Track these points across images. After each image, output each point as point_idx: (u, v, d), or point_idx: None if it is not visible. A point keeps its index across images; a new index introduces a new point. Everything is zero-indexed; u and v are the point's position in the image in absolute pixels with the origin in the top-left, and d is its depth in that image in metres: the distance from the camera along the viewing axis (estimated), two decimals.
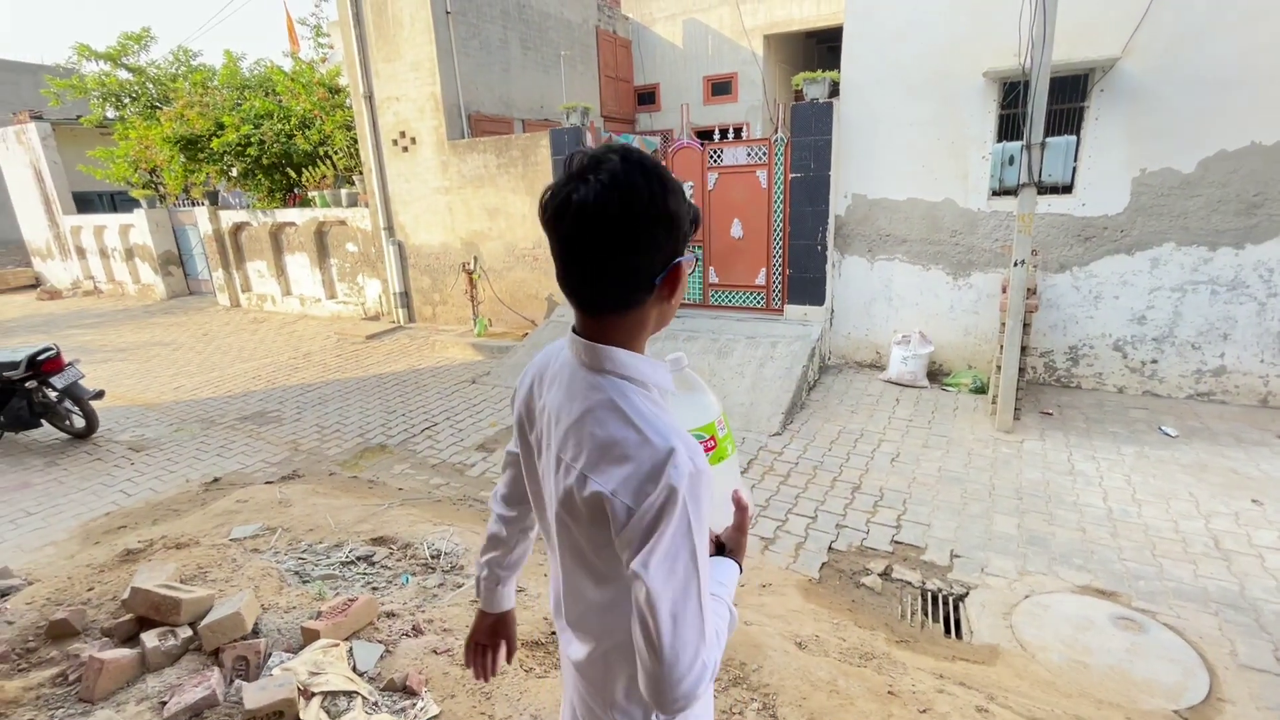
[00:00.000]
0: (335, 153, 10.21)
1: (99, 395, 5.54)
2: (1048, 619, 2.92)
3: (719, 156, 6.60)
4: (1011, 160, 4.53)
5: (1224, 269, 5.06)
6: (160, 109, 12.17)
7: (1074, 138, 4.54)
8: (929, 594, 3.17)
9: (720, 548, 1.04)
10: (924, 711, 2.24)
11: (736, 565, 1.02)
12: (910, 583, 3.25)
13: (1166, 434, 4.71)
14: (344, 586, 2.88)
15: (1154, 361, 5.42)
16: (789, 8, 11.47)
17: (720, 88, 12.36)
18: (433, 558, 3.19)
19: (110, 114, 13.33)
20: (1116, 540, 3.49)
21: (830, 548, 3.57)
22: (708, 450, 1.00)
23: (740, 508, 1.03)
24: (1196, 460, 4.31)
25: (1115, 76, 5.07)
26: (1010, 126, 5.49)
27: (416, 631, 2.36)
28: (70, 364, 5.33)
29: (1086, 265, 5.50)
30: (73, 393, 5.33)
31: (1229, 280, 5.06)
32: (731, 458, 1.09)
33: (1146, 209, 5.21)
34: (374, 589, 2.86)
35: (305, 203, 10.53)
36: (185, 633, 2.10)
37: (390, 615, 2.47)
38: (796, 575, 3.36)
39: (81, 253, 14.60)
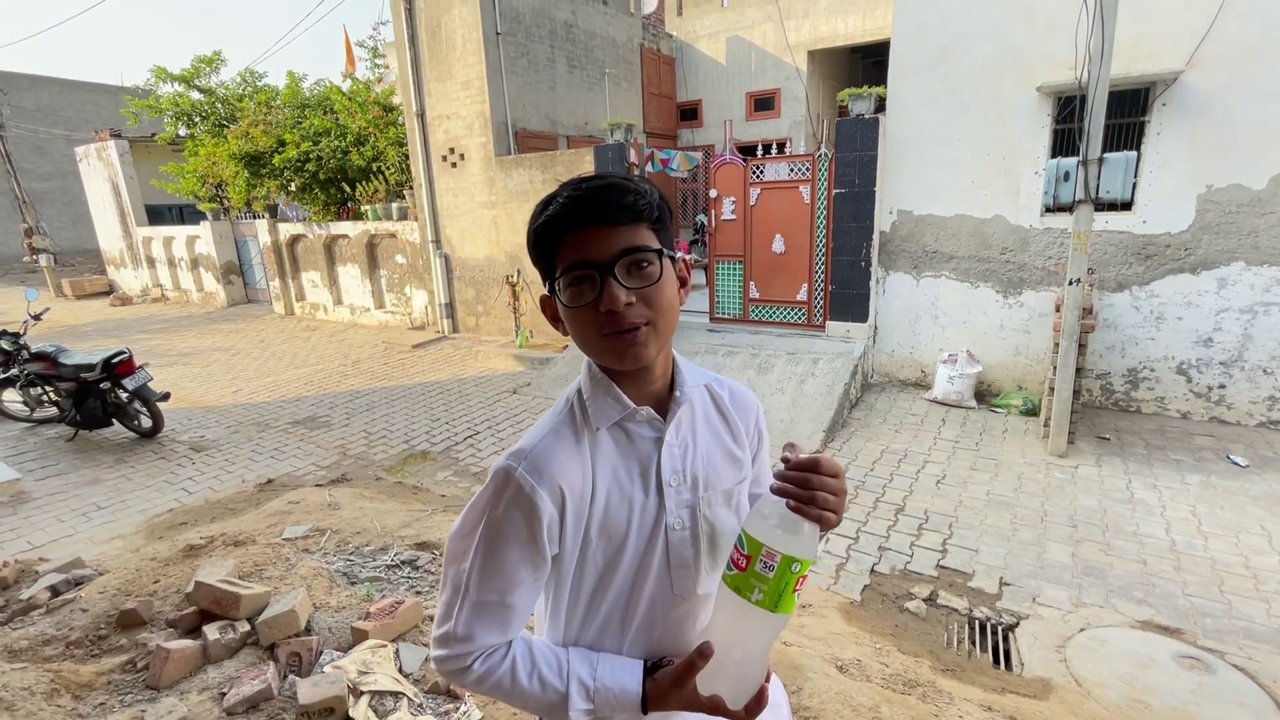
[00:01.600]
0: (387, 168, 10.60)
1: (165, 397, 5.84)
2: (1105, 654, 2.79)
3: (761, 172, 6.61)
4: (1066, 176, 4.41)
5: None
6: (227, 127, 12.86)
7: (1134, 153, 4.40)
8: (976, 622, 3.07)
9: (657, 666, 0.86)
10: None
11: (639, 678, 0.83)
12: (957, 610, 3.16)
13: (1235, 463, 4.46)
14: (389, 589, 2.95)
15: (1221, 386, 5.15)
16: (833, 23, 11.44)
17: (763, 103, 12.38)
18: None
19: (182, 132, 14.16)
20: (1180, 574, 3.31)
21: (872, 570, 3.49)
22: (738, 566, 0.76)
23: (700, 656, 0.79)
24: (1269, 492, 4.07)
25: (1178, 90, 4.89)
26: (1065, 142, 5.34)
27: None
28: (141, 367, 5.65)
29: (1147, 284, 5.28)
30: (142, 394, 5.64)
31: None
32: (755, 609, 0.76)
33: (1213, 227, 4.98)
34: (417, 593, 2.93)
35: (358, 216, 10.94)
36: (243, 627, 2.19)
37: (434, 620, 2.52)
38: (837, 597, 3.30)
39: (151, 262, 15.47)
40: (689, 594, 0.88)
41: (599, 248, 0.76)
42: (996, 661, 2.85)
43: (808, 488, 0.75)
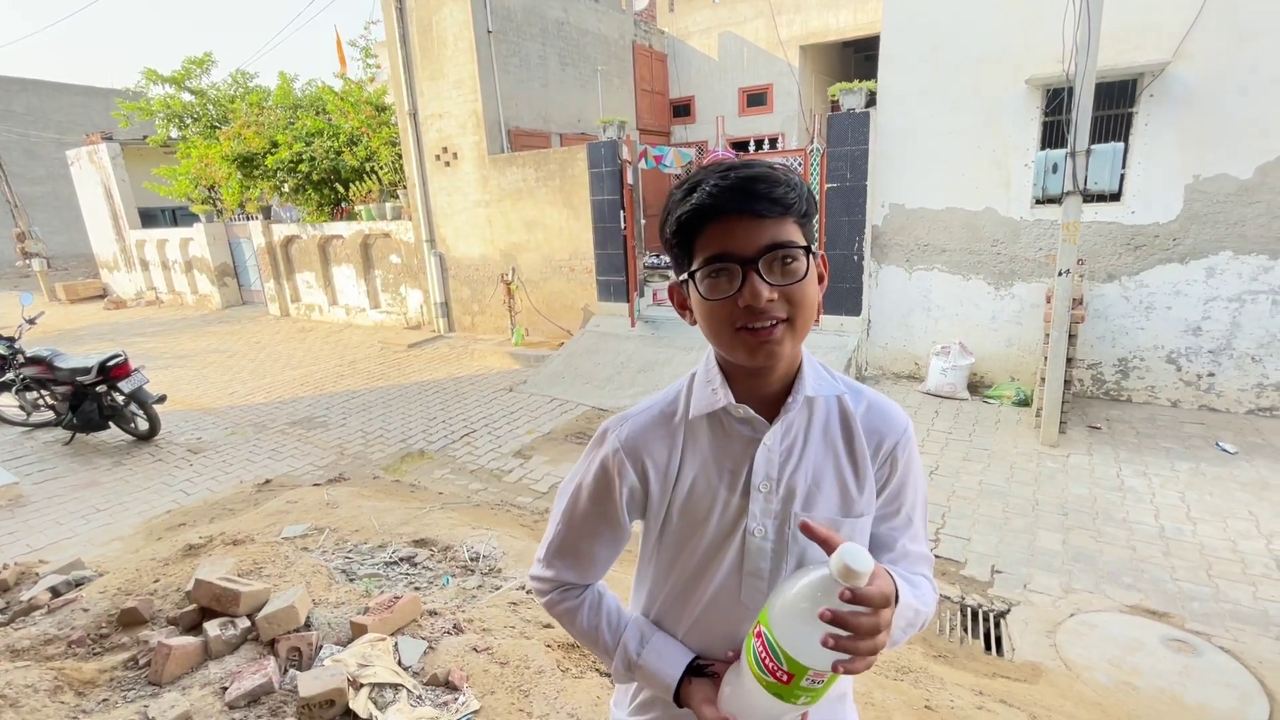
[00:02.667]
0: (381, 168, 10.59)
1: (162, 399, 5.85)
2: (1094, 638, 2.84)
3: None
4: (1055, 168, 4.44)
5: None
6: (219, 129, 12.82)
7: (1121, 144, 4.43)
8: (969, 609, 3.11)
9: (699, 671, 0.86)
10: None
11: (678, 673, 0.85)
12: (949, 597, 3.20)
13: (1224, 450, 4.52)
14: (388, 585, 2.98)
15: (1210, 374, 5.21)
16: (825, 18, 11.46)
17: (755, 99, 12.40)
18: (471, 560, 3.28)
19: (174, 134, 14.09)
20: (1169, 559, 3.36)
21: None
22: (776, 678, 0.69)
23: None
24: (1257, 478, 4.12)
25: (1165, 81, 4.93)
26: (1054, 134, 5.38)
27: (457, 630, 2.44)
28: (136, 369, 5.65)
29: (1136, 275, 5.33)
30: (138, 397, 5.64)
31: None
32: (796, 707, 0.72)
33: (1200, 216, 5.03)
34: (416, 589, 2.96)
35: (352, 216, 10.94)
36: (244, 623, 2.22)
37: (432, 614, 2.55)
38: None
39: (145, 265, 15.43)
40: (756, 606, 0.81)
41: (744, 240, 0.72)
42: (988, 647, 2.89)
43: (872, 634, 0.65)
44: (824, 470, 0.83)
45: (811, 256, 0.76)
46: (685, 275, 0.78)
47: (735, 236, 0.73)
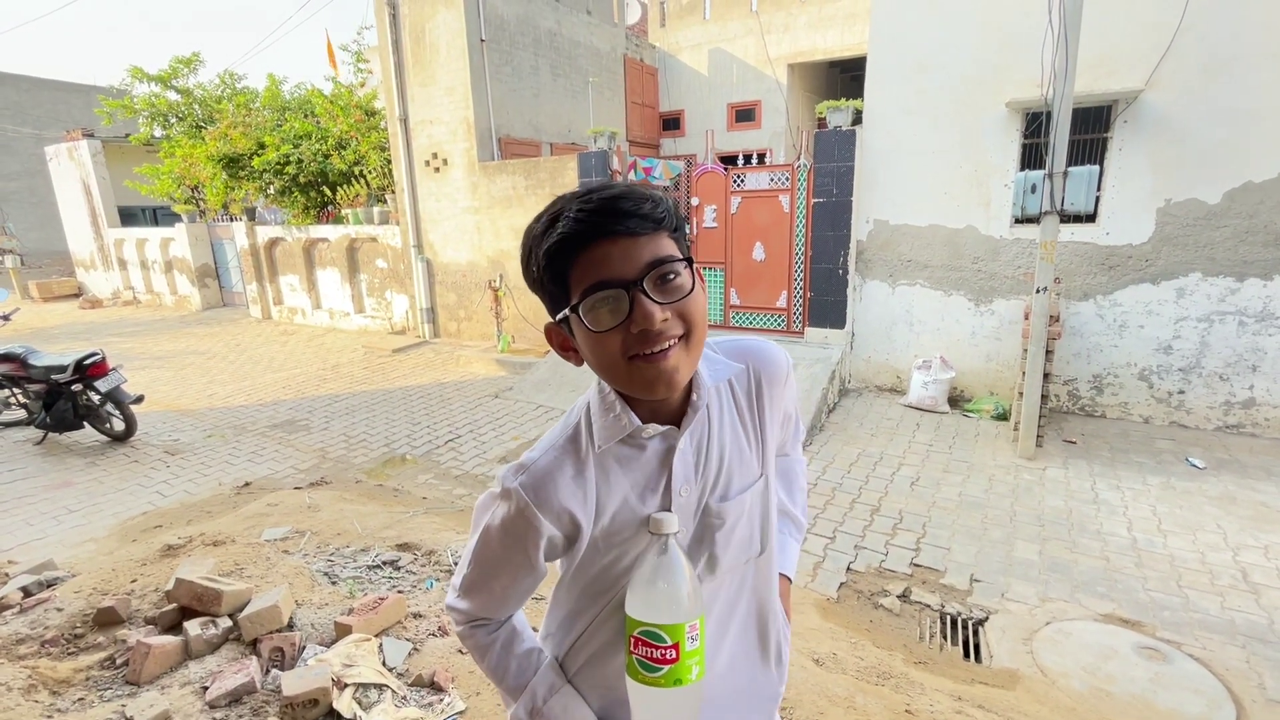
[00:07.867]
0: (369, 172, 10.55)
1: (139, 400, 5.74)
2: (1069, 646, 2.90)
3: (742, 181, 6.73)
4: (1034, 189, 4.57)
5: (1252, 300, 5.02)
6: (205, 129, 12.70)
7: (1096, 167, 4.58)
8: (948, 617, 3.16)
9: None
10: None
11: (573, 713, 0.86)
12: (929, 605, 3.25)
13: (1194, 465, 4.64)
14: (371, 589, 2.96)
15: (1181, 392, 5.36)
16: (813, 38, 11.70)
17: (744, 115, 12.59)
18: (456, 564, 3.26)
19: (157, 133, 13.92)
20: (1141, 570, 3.45)
21: (848, 568, 3.58)
22: (667, 661, 0.73)
23: None
24: (1225, 492, 4.24)
25: (1139, 108, 5.11)
26: (1033, 156, 5.54)
27: (443, 632, 2.43)
28: (114, 369, 5.55)
29: (1111, 294, 5.49)
30: (115, 396, 5.53)
31: (1257, 311, 5.01)
32: (692, 688, 0.75)
33: (1172, 239, 5.20)
34: (400, 592, 2.94)
35: (338, 220, 10.87)
36: (225, 623, 2.19)
37: (417, 616, 2.54)
38: (814, 594, 3.37)
39: (123, 264, 15.16)
40: None
41: (623, 263, 0.68)
42: (967, 654, 2.93)
43: None
44: (731, 451, 0.84)
45: (692, 269, 0.73)
46: (565, 312, 0.72)
47: (612, 260, 0.68)
